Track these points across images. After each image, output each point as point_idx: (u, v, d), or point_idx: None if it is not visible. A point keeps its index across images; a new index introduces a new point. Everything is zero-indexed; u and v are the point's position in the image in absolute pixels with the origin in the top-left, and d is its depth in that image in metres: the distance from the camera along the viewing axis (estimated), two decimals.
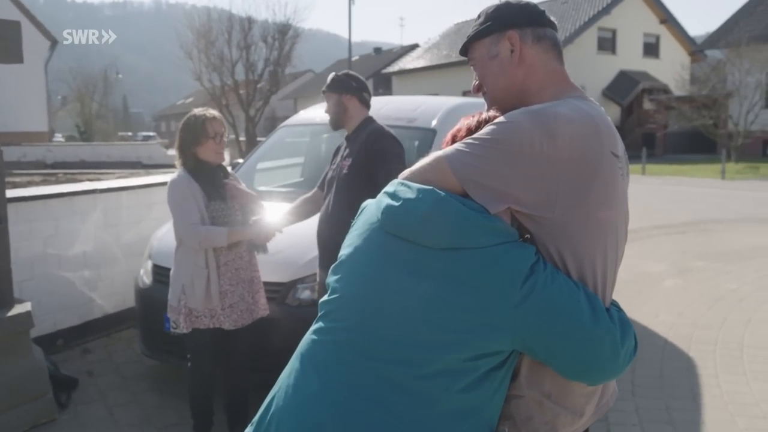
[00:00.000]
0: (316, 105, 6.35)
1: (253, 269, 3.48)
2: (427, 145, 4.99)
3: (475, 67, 1.68)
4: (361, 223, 1.58)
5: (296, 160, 6.28)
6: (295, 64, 22.33)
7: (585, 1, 33.56)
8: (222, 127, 3.39)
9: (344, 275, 1.52)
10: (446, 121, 5.22)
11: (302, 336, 3.96)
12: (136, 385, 4.40)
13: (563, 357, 1.36)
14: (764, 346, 4.96)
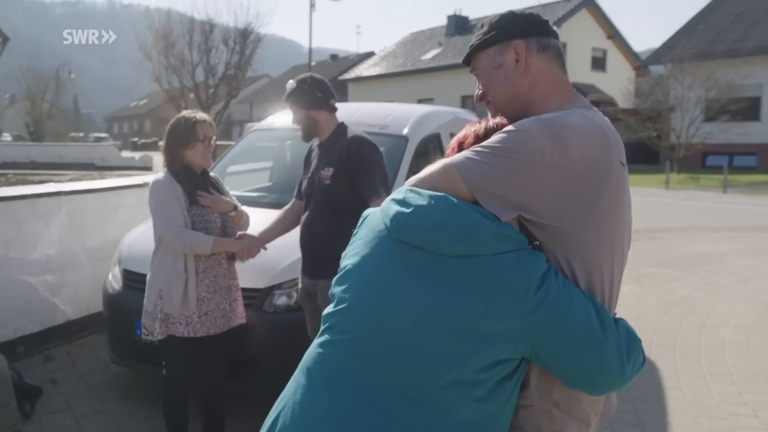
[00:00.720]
0: (285, 110, 6.26)
1: (232, 277, 3.37)
2: (399, 151, 4.97)
3: (479, 76, 1.65)
4: (367, 232, 1.53)
5: (265, 164, 6.18)
6: (256, 68, 22.04)
7: (539, 13, 34.12)
8: (212, 130, 3.28)
9: (352, 285, 1.46)
10: (418, 129, 5.21)
11: (279, 342, 3.86)
12: (104, 394, 4.22)
13: (571, 366, 1.34)
14: (719, 350, 5.08)
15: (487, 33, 1.61)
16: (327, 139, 3.30)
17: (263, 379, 3.77)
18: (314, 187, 3.28)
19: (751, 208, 14.69)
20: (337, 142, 3.26)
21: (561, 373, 1.36)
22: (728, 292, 7.01)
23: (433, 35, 39.05)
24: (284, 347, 3.76)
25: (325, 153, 3.30)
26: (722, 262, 8.60)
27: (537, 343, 1.31)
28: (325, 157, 3.28)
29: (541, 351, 1.32)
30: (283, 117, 6.01)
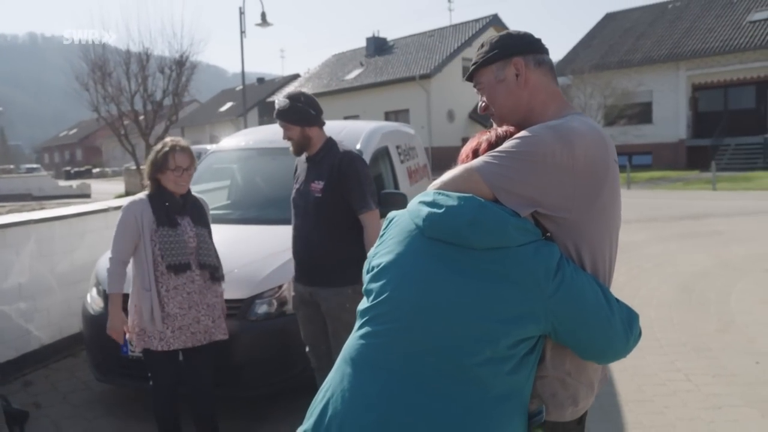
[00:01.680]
0: (246, 130, 6.24)
1: (213, 294, 3.31)
2: None
3: (483, 90, 1.75)
4: (398, 232, 1.60)
5: (223, 183, 6.14)
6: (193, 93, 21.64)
7: (450, 34, 34.95)
8: (185, 160, 3.21)
9: (390, 280, 1.52)
10: (369, 143, 5.32)
11: (262, 348, 3.87)
12: (90, 413, 4.11)
13: (585, 340, 1.46)
14: (649, 326, 5.39)
15: (489, 51, 1.72)
16: (316, 153, 3.28)
17: (250, 384, 3.77)
18: (304, 198, 3.28)
19: (653, 201, 15.51)
20: (326, 156, 3.26)
21: (576, 346, 1.49)
22: (648, 275, 7.43)
23: (355, 56, 39.32)
24: (268, 353, 3.79)
25: (314, 166, 3.28)
26: (638, 249, 9.08)
27: (557, 321, 1.42)
28: (314, 170, 3.27)
29: (559, 328, 1.43)
30: (233, 140, 6.00)
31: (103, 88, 19.28)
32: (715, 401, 3.93)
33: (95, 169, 55.22)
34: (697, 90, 26.68)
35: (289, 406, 4.06)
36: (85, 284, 5.20)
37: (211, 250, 3.30)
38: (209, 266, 3.25)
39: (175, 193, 3.24)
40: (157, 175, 3.21)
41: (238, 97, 48.91)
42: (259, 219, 4.73)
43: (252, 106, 43.42)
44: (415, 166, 6.80)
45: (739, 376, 4.32)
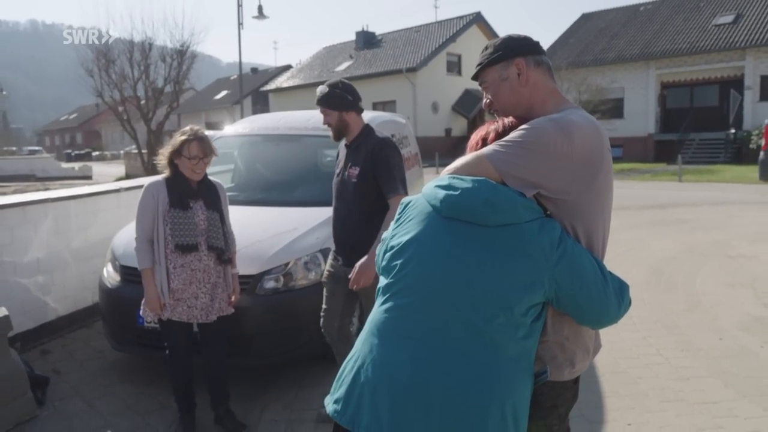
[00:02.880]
0: (248, 117, 6.25)
1: (218, 275, 3.32)
2: None
3: (488, 89, 1.82)
4: (416, 214, 1.65)
5: (227, 167, 6.15)
6: (193, 82, 21.46)
7: (435, 30, 34.84)
8: (200, 150, 3.19)
9: (411, 256, 1.58)
10: None
11: (270, 321, 3.92)
12: (106, 379, 4.15)
13: (584, 306, 1.55)
14: None
15: (493, 53, 1.79)
16: (354, 140, 3.30)
17: (259, 354, 3.83)
18: (343, 184, 3.30)
19: (624, 191, 15.68)
20: (363, 143, 3.26)
21: (575, 312, 1.57)
22: (620, 259, 7.56)
23: (345, 49, 39.07)
24: (275, 325, 3.84)
25: (352, 153, 3.30)
26: (611, 235, 8.84)
27: (559, 288, 1.52)
28: (352, 156, 3.28)
29: (561, 294, 1.52)
30: (238, 126, 6.01)
31: (107, 74, 19.06)
32: (683, 373, 4.06)
33: (95, 152, 54.56)
34: (665, 88, 26.92)
35: (294, 375, 4.14)
36: (98, 260, 5.21)
37: (220, 233, 3.29)
38: (216, 248, 3.27)
39: (191, 179, 3.27)
40: (175, 159, 3.23)
41: (233, 86, 48.49)
42: (265, 201, 4.76)
43: (246, 94, 43.05)
44: (407, 154, 6.84)
45: (704, 351, 4.45)
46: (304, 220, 4.34)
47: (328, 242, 4.12)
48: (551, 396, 1.66)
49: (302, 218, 4.39)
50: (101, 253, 5.07)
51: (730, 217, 10.76)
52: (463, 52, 33.92)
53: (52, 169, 27.86)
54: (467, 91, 33.89)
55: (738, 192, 14.28)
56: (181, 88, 20.20)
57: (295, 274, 3.92)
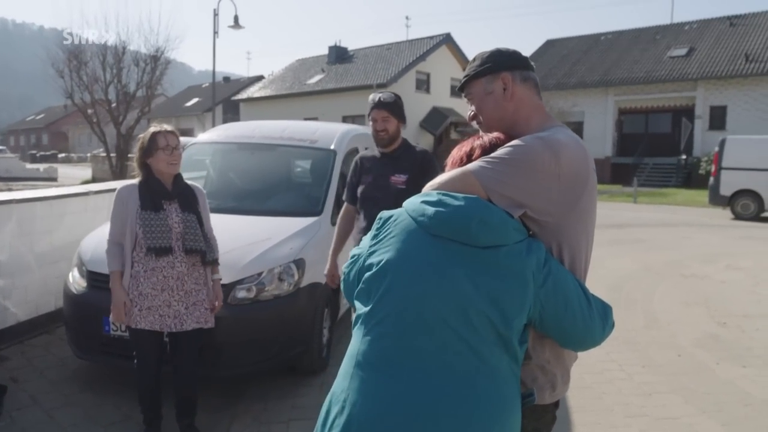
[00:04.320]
0: (222, 125, 6.10)
1: (194, 282, 3.13)
2: (329, 163, 5.02)
3: (472, 100, 1.74)
4: (399, 230, 1.53)
5: (200, 173, 5.99)
6: (165, 88, 21.02)
7: (406, 48, 35.04)
8: (174, 139, 3.10)
9: (396, 278, 1.45)
10: (342, 143, 5.29)
11: (241, 331, 3.78)
12: (67, 388, 3.94)
13: (568, 327, 1.48)
14: None
15: (480, 66, 1.71)
16: (396, 149, 3.39)
17: (229, 365, 3.69)
18: (382, 190, 3.29)
19: None
20: (404, 153, 3.38)
21: (558, 334, 1.50)
22: None
23: (317, 62, 38.95)
24: (246, 336, 3.71)
25: (392, 161, 3.36)
26: None
27: (543, 310, 1.45)
28: (392, 164, 3.34)
29: (545, 316, 1.45)
30: (212, 133, 5.87)
31: (78, 76, 18.49)
32: (645, 389, 4.07)
33: (61, 154, 52.97)
34: (622, 114, 27.60)
35: (263, 386, 4.00)
36: (63, 264, 4.98)
37: (198, 235, 3.15)
38: (196, 251, 3.12)
39: (167, 175, 3.12)
40: (147, 159, 3.10)
41: (204, 94, 47.77)
42: (238, 209, 4.62)
43: (218, 102, 42.48)
44: None
45: (664, 367, 4.49)
46: (278, 230, 4.23)
47: (302, 253, 4.03)
48: (533, 419, 1.59)
49: (276, 228, 4.28)
50: (67, 257, 4.85)
51: (682, 238, 11.01)
52: (432, 71, 34.20)
53: (15, 169, 26.89)
54: (435, 109, 34.13)
55: (689, 214, 14.65)
56: (153, 94, 19.76)
57: (268, 284, 3.80)
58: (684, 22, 29.31)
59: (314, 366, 4.17)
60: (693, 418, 3.63)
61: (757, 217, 14.29)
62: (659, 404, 3.83)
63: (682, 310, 6.11)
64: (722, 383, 4.20)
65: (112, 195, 5.49)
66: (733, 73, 23.37)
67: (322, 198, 4.74)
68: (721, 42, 25.71)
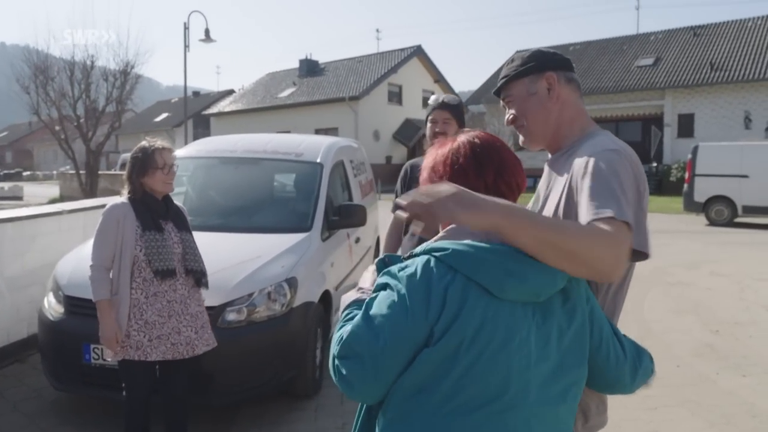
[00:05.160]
0: (201, 140, 5.88)
1: (197, 304, 2.99)
2: (316, 176, 4.86)
3: (512, 103, 1.63)
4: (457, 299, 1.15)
5: (179, 190, 5.76)
6: (137, 102, 20.56)
7: (377, 61, 35.09)
8: (171, 157, 2.96)
9: (480, 354, 1.14)
10: (328, 156, 5.15)
11: (232, 356, 3.56)
12: (45, 421, 3.66)
13: (600, 365, 1.32)
14: None
15: (522, 65, 1.61)
16: None
17: (220, 392, 3.48)
18: None
19: None
20: None
21: (592, 378, 1.33)
22: None
23: (288, 76, 38.75)
24: (238, 361, 3.51)
25: None
26: None
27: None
28: None
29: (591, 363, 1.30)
30: (192, 148, 5.65)
31: (44, 91, 17.93)
32: (650, 402, 3.97)
33: (26, 172, 51.55)
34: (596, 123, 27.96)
35: (255, 411, 3.79)
36: (36, 288, 4.70)
37: (198, 255, 3.01)
38: (196, 272, 2.96)
39: (161, 194, 2.94)
40: (141, 177, 2.90)
41: (173, 109, 47.05)
42: (223, 227, 4.42)
43: (188, 117, 41.91)
44: (365, 180, 6.65)
45: (665, 379, 4.39)
46: (267, 248, 4.04)
47: (294, 271, 3.84)
48: None
49: (265, 245, 4.09)
50: (40, 281, 4.57)
51: (662, 245, 11.06)
52: (404, 82, 34.31)
53: None
54: (407, 120, 34.22)
55: (664, 221, 14.80)
56: (123, 109, 19.30)
57: (260, 305, 3.61)
58: (650, 33, 29.94)
59: (308, 389, 3.98)
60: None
61: (731, 222, 14.51)
62: (667, 419, 3.74)
63: (673, 318, 6.07)
64: (725, 394, 4.13)
65: (86, 214, 5.23)
66: (699, 82, 23.90)
67: (310, 213, 4.57)
68: (686, 51, 26.31)
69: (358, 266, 5.62)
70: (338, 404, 3.98)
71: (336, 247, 4.79)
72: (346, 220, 4.70)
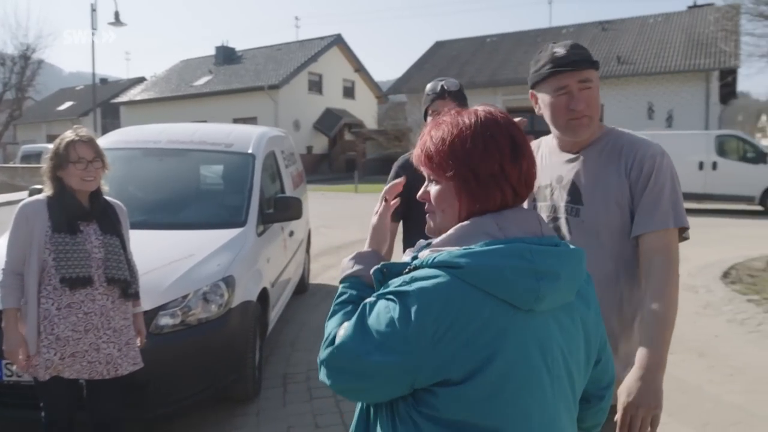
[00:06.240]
0: (119, 130, 5.44)
1: (122, 317, 2.64)
2: (249, 168, 4.62)
3: (588, 86, 1.68)
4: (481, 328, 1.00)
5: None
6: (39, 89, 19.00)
7: (297, 49, 34.46)
8: (89, 152, 2.57)
9: (507, 401, 1.01)
10: (260, 146, 4.93)
11: (167, 364, 3.29)
12: None
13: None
14: None
15: (592, 59, 1.71)
16: None
17: (155, 403, 3.21)
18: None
19: None
20: None
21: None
22: None
23: (203, 63, 37.33)
24: (173, 368, 3.25)
25: None
26: None
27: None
28: None
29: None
30: (110, 138, 5.22)
31: None
32: None
33: None
34: (511, 113, 28.02)
35: (195, 420, 3.55)
36: None
37: (122, 262, 2.64)
38: (118, 281, 2.60)
39: (82, 192, 2.59)
40: (58, 172, 2.57)
41: (78, 97, 44.20)
42: (149, 223, 4.07)
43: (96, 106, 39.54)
44: (296, 171, 6.44)
45: None
46: (201, 245, 3.79)
47: (230, 269, 3.61)
48: None
49: (198, 242, 3.83)
50: None
51: None
52: (324, 72, 33.92)
53: None
54: (328, 110, 33.89)
55: None
56: (23, 96, 17.82)
57: (195, 307, 3.36)
58: (561, 26, 31.14)
59: (248, 393, 3.78)
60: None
61: None
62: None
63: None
64: (716, 401, 4.24)
65: None
66: (608, 74, 25.07)
67: (244, 207, 4.32)
68: (596, 45, 27.54)
69: (292, 260, 5.42)
70: (280, 407, 3.81)
71: (271, 242, 4.58)
72: (283, 213, 4.50)
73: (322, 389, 4.05)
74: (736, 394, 3.96)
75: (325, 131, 33.44)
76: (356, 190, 22.43)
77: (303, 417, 3.66)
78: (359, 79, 37.31)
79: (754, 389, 4.06)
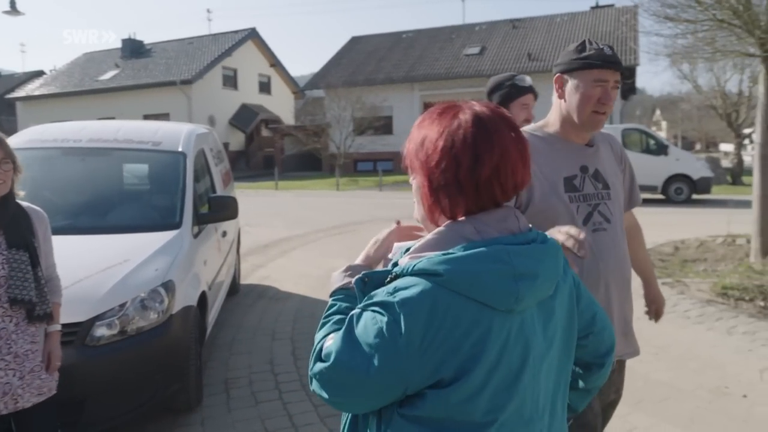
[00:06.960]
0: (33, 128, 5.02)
1: (28, 341, 2.34)
2: (180, 167, 4.43)
3: (615, 88, 1.82)
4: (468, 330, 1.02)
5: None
6: None
7: (210, 43, 33.33)
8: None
9: (495, 392, 1.04)
10: (189, 144, 4.73)
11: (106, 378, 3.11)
12: None
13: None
14: None
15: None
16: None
17: (93, 419, 3.01)
18: None
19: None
20: None
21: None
22: None
23: (109, 57, 35.32)
24: (111, 383, 3.07)
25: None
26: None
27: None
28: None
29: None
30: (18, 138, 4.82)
31: None
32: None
33: None
34: (428, 107, 29.19)
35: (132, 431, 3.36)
36: None
37: (28, 281, 2.33)
38: (22, 302, 2.29)
39: None
40: None
41: None
42: (75, 228, 3.82)
43: None
44: (224, 169, 6.23)
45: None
46: (135, 249, 3.58)
47: (170, 273, 3.44)
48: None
49: (131, 247, 3.62)
50: None
51: None
52: (239, 67, 33.06)
53: None
54: (244, 106, 33.08)
55: None
56: None
57: (134, 315, 3.17)
58: (474, 24, 31.97)
59: (191, 402, 3.63)
60: None
61: None
62: None
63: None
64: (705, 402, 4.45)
65: None
66: (520, 70, 25.80)
67: (178, 208, 4.14)
68: (507, 42, 28.52)
69: (225, 262, 5.25)
70: (225, 413, 3.68)
71: (206, 243, 4.41)
72: (219, 213, 4.34)
73: (266, 392, 3.96)
74: (662, 372, 4.23)
75: (241, 127, 32.61)
76: (276, 187, 22.05)
77: (251, 423, 3.56)
78: (275, 74, 36.66)
79: (677, 366, 4.35)
